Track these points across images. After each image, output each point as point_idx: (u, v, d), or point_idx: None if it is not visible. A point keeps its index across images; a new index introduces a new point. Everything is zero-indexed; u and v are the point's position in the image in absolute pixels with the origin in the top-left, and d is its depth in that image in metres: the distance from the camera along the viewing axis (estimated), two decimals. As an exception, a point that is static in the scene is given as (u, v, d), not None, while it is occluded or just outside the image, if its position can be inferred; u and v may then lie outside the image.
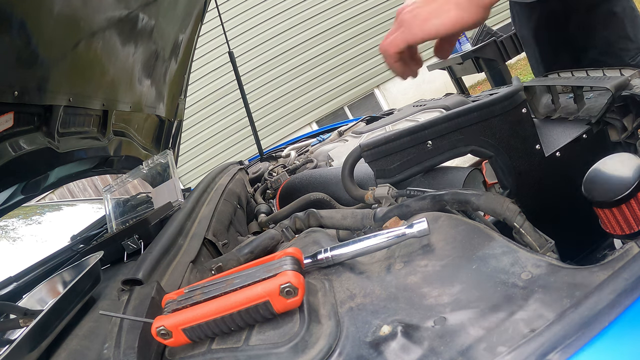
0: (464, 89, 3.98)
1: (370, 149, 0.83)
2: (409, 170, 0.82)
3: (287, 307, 0.43)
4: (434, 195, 0.61)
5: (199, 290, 0.48)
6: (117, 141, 1.52)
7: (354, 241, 0.52)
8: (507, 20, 6.46)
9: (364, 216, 0.71)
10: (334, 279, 0.51)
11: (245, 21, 6.66)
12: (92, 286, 0.72)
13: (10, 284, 1.03)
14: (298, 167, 1.41)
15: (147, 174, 1.24)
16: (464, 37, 3.63)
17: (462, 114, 0.78)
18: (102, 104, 1.31)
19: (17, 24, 0.81)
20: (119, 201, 1.27)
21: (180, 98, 1.96)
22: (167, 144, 1.96)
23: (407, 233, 0.49)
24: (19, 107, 0.95)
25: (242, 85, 2.14)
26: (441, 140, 0.80)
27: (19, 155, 0.99)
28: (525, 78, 5.73)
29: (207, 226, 0.88)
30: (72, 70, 1.11)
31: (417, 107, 1.35)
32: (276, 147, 2.25)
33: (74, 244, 1.26)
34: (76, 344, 0.59)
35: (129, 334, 0.49)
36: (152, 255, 0.68)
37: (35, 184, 1.26)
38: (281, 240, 0.81)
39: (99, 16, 1.11)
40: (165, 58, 1.66)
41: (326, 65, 6.87)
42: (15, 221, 1.68)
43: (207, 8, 1.88)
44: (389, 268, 0.49)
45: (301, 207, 0.98)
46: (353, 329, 0.41)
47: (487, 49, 3.28)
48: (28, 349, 0.54)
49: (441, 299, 0.40)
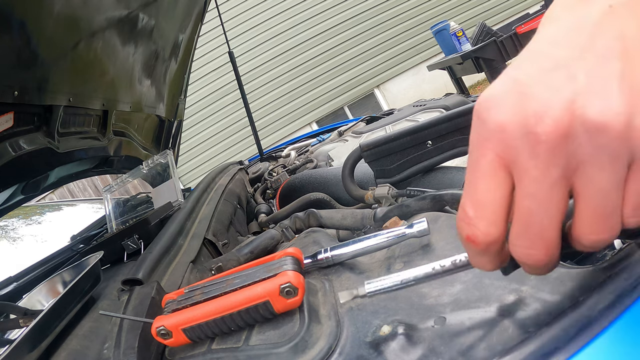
0: (464, 89, 3.98)
1: (370, 149, 0.83)
2: (409, 170, 0.82)
3: (287, 307, 0.43)
4: (434, 195, 0.61)
5: (199, 290, 0.48)
6: (117, 141, 1.52)
7: (354, 241, 0.52)
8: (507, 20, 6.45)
9: (364, 216, 0.71)
10: (334, 279, 0.51)
11: (245, 21, 6.66)
12: (92, 286, 0.72)
13: (10, 284, 1.03)
14: (298, 167, 1.41)
15: (147, 174, 1.24)
16: (464, 37, 3.63)
17: (462, 114, 0.78)
18: (102, 104, 1.31)
19: (17, 24, 0.81)
20: (119, 201, 1.27)
21: (180, 98, 1.96)
22: (167, 144, 1.96)
23: (407, 233, 0.49)
24: (19, 107, 0.95)
25: (242, 85, 2.14)
26: (441, 140, 0.80)
27: (19, 155, 0.99)
28: (525, 78, 5.72)
29: (207, 226, 0.88)
30: (72, 70, 1.11)
31: (417, 107, 1.35)
32: (276, 147, 2.25)
33: (74, 244, 1.26)
34: (76, 344, 0.59)
35: (129, 334, 0.49)
36: (152, 255, 0.68)
37: (35, 184, 1.26)
38: (281, 240, 0.81)
39: (99, 16, 1.11)
40: (165, 58, 1.66)
41: (326, 65, 6.87)
42: (15, 221, 1.68)
43: (207, 8, 1.88)
44: (389, 268, 0.49)
45: (301, 207, 0.98)
46: (353, 329, 0.41)
47: (487, 49, 3.28)
48: (28, 349, 0.54)
49: (441, 299, 0.40)
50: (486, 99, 0.25)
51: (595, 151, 0.22)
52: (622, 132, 0.21)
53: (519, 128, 0.23)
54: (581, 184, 0.23)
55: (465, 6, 7.06)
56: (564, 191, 0.24)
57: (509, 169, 0.25)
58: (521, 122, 0.23)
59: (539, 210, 0.24)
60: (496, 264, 0.29)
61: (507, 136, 0.24)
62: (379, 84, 7.04)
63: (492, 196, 0.26)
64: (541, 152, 0.23)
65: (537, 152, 0.23)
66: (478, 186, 0.26)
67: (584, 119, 0.22)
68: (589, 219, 0.24)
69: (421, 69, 6.73)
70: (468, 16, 6.95)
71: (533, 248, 0.25)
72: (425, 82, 6.89)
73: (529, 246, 0.26)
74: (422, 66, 6.70)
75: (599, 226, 0.24)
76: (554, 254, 0.26)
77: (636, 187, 0.23)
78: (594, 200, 0.23)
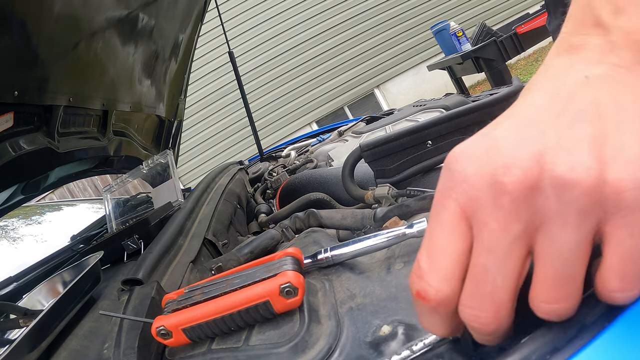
0: (464, 89, 3.98)
1: (370, 149, 0.83)
2: (409, 170, 0.82)
3: (287, 307, 0.43)
4: (434, 195, 0.61)
5: (199, 290, 0.48)
6: (117, 141, 1.53)
7: (354, 241, 0.52)
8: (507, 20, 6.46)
9: (364, 216, 0.71)
10: (334, 279, 0.51)
11: (245, 21, 6.66)
12: (92, 286, 0.72)
13: (10, 284, 1.03)
14: (298, 167, 1.41)
15: (147, 174, 1.24)
16: (464, 37, 3.63)
17: (462, 114, 0.78)
18: (102, 104, 1.31)
19: (17, 24, 0.81)
20: (119, 201, 1.27)
21: (180, 98, 1.96)
22: (167, 144, 1.96)
23: (407, 233, 0.49)
24: (19, 107, 0.95)
25: (242, 85, 2.14)
26: (441, 140, 0.80)
27: (19, 155, 0.99)
28: (525, 78, 5.73)
29: (207, 226, 0.88)
30: (72, 70, 1.11)
31: (417, 107, 1.35)
32: (276, 147, 2.25)
33: (74, 244, 1.26)
34: (76, 344, 0.59)
35: (129, 334, 0.49)
36: (152, 255, 0.68)
37: (35, 184, 1.26)
38: (281, 240, 0.81)
39: (99, 16, 1.11)
40: (165, 58, 1.66)
41: (326, 65, 6.87)
42: (15, 221, 1.68)
43: (207, 8, 1.88)
44: (389, 268, 0.49)
45: (301, 207, 0.98)
46: (353, 329, 0.41)
47: (487, 49, 3.28)
48: (28, 349, 0.54)
49: (441, 299, 0.40)
50: (457, 151, 0.25)
51: (560, 208, 0.21)
52: (592, 187, 0.20)
53: (485, 178, 0.23)
54: (542, 244, 0.22)
55: (465, 6, 7.06)
56: (523, 252, 0.23)
57: (469, 222, 0.24)
58: (488, 172, 0.23)
59: (493, 268, 0.23)
60: (448, 329, 0.26)
61: (472, 187, 0.23)
62: (379, 84, 7.04)
63: (448, 250, 0.24)
64: (505, 203, 0.22)
65: (500, 203, 0.22)
66: (435, 238, 0.25)
67: (553, 173, 0.21)
68: (545, 284, 0.22)
69: (421, 69, 6.73)
70: (468, 16, 6.95)
71: (481, 310, 0.23)
72: (425, 82, 6.89)
73: (477, 307, 0.23)
74: (422, 66, 6.70)
75: (555, 292, 0.22)
76: (504, 319, 0.24)
77: (620, 250, 0.21)
78: (552, 262, 0.22)
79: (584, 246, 0.21)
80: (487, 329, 0.24)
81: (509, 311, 0.24)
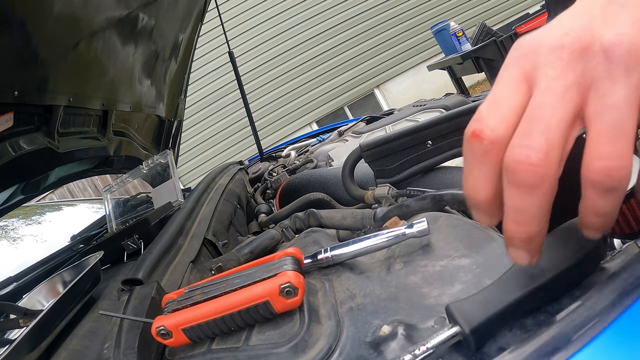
0: (464, 89, 3.98)
1: (370, 149, 0.83)
2: (409, 170, 0.82)
3: (287, 307, 0.43)
4: (434, 195, 0.61)
5: (199, 290, 0.48)
6: (117, 141, 1.53)
7: (354, 241, 0.52)
8: (507, 20, 6.45)
9: (364, 216, 0.71)
10: (334, 279, 0.51)
11: (245, 21, 6.66)
12: (92, 286, 0.72)
13: (10, 284, 1.03)
14: (298, 167, 1.41)
15: (147, 174, 1.24)
16: (464, 37, 3.63)
17: (462, 114, 0.78)
18: (102, 104, 1.31)
19: (17, 24, 0.81)
20: (119, 201, 1.27)
21: (180, 98, 1.96)
22: (167, 144, 1.96)
23: (407, 233, 0.49)
24: (19, 107, 0.95)
25: (242, 85, 2.14)
26: (441, 140, 0.80)
27: (19, 155, 0.99)
28: (525, 78, 5.72)
29: (207, 226, 0.88)
30: (72, 70, 1.11)
31: (417, 107, 1.35)
32: (276, 147, 2.25)
33: (74, 244, 1.26)
34: (76, 344, 0.59)
35: (129, 334, 0.49)
36: (152, 255, 0.68)
37: (35, 184, 1.26)
38: (281, 240, 0.81)
39: (99, 16, 1.11)
40: (165, 58, 1.66)
41: (326, 65, 6.87)
42: (15, 221, 1.68)
43: (207, 8, 1.88)
44: (389, 268, 0.49)
45: (301, 207, 0.98)
46: (353, 329, 0.41)
47: (487, 49, 3.28)
48: (28, 349, 0.54)
49: (441, 299, 0.40)
50: (524, 36, 0.28)
51: (609, 67, 0.24)
52: (634, 48, 0.23)
53: (548, 42, 0.26)
54: (593, 103, 0.24)
55: (465, 6, 7.06)
56: (575, 101, 0.25)
57: (530, 84, 0.27)
58: (550, 38, 0.26)
59: (550, 106, 0.25)
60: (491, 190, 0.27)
61: (535, 51, 0.27)
62: (379, 84, 7.04)
63: (509, 100, 0.27)
64: (564, 56, 0.25)
65: (559, 55, 0.25)
66: (497, 92, 0.28)
67: (602, 40, 0.24)
68: (598, 141, 0.24)
69: (421, 69, 6.73)
70: (468, 16, 6.95)
71: (533, 148, 0.24)
72: (425, 82, 6.89)
73: (529, 145, 0.25)
74: (422, 66, 6.70)
75: (609, 147, 0.23)
76: (552, 166, 0.25)
77: None
78: (604, 117, 0.24)
79: (632, 101, 0.23)
80: (535, 175, 0.24)
81: (558, 159, 0.25)
